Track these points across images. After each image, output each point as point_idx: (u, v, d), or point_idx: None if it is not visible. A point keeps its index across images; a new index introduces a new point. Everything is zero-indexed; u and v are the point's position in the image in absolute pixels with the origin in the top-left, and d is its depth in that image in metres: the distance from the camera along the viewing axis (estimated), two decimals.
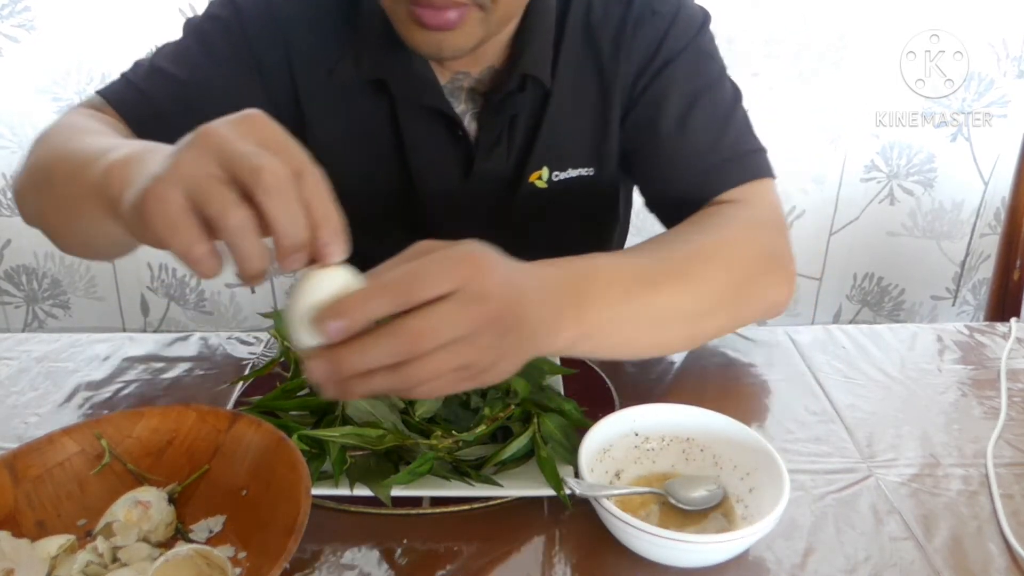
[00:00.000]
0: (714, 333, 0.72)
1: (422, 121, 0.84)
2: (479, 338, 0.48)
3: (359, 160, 0.87)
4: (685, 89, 0.82)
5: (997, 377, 0.80)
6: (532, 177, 0.87)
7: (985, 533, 0.59)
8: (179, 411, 0.62)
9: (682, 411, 0.65)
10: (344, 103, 0.85)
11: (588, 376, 0.78)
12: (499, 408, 0.65)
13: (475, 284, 0.47)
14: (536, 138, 0.85)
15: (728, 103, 0.84)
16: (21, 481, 0.57)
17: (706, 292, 0.67)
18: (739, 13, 1.55)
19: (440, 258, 0.47)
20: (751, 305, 0.71)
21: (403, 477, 0.60)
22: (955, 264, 1.79)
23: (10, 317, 1.81)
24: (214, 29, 0.81)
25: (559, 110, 0.84)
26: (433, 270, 0.47)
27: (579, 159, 0.87)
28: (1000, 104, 1.62)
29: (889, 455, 0.68)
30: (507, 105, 0.83)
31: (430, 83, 0.82)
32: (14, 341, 0.89)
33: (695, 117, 0.81)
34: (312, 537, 0.58)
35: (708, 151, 0.80)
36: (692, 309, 0.66)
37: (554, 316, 0.55)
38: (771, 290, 0.73)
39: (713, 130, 0.81)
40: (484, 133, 0.84)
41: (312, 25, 0.83)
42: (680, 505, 0.59)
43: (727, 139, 0.81)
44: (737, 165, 0.80)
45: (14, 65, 1.54)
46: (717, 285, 0.67)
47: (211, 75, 0.80)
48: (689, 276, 0.66)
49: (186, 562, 0.51)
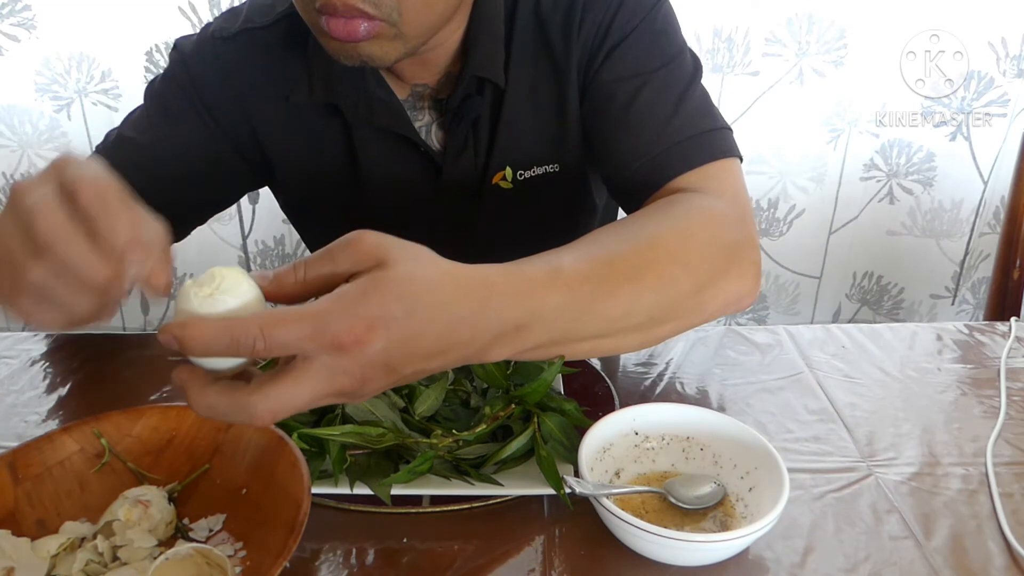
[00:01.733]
0: (671, 335, 0.65)
1: (379, 142, 0.85)
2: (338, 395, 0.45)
3: (320, 183, 0.89)
4: (635, 70, 0.79)
5: (997, 376, 0.80)
6: (495, 179, 0.86)
7: (985, 532, 0.59)
8: (179, 410, 0.62)
9: (682, 410, 0.65)
10: (302, 128, 0.87)
11: (588, 375, 0.78)
12: (499, 407, 0.65)
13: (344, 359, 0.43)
14: (495, 139, 0.84)
15: (684, 82, 0.79)
16: (21, 480, 0.57)
17: (663, 296, 0.60)
18: (739, 13, 1.55)
19: (314, 317, 0.43)
20: (712, 304, 0.65)
21: (403, 476, 0.60)
22: (954, 263, 1.79)
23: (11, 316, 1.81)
24: (168, 89, 0.86)
25: (516, 109, 0.83)
26: (297, 334, 0.42)
27: (542, 157, 0.86)
28: (1000, 103, 1.62)
29: (889, 454, 0.68)
30: (466, 109, 0.82)
31: (385, 103, 0.82)
32: (14, 340, 0.90)
33: (646, 99, 0.77)
34: (312, 536, 0.58)
35: (661, 133, 0.75)
36: (647, 316, 0.60)
37: (485, 343, 0.50)
38: (734, 285, 0.66)
39: (666, 111, 0.76)
40: (450, 140, 0.84)
41: (262, 59, 0.85)
42: (680, 504, 0.59)
43: (681, 119, 0.76)
44: (694, 146, 0.75)
45: (14, 64, 1.54)
46: (674, 288, 0.61)
47: (169, 134, 0.85)
48: (643, 280, 0.59)
49: (186, 561, 0.51)
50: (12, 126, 1.59)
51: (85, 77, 1.55)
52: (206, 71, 0.85)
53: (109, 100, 1.56)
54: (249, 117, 0.86)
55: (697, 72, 0.81)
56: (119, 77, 1.55)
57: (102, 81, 1.56)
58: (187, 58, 0.85)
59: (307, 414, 0.68)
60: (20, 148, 1.61)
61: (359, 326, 0.43)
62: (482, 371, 0.68)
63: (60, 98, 1.57)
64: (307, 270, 0.46)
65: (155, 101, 0.86)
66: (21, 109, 1.58)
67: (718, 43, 1.57)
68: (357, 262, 0.46)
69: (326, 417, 0.66)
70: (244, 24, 0.85)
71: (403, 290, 0.45)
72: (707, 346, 0.86)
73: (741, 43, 1.57)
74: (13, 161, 1.62)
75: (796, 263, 1.79)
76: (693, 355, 0.84)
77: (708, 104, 0.79)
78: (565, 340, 0.55)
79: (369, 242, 0.46)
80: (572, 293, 0.54)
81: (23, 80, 1.55)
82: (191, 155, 0.85)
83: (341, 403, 0.46)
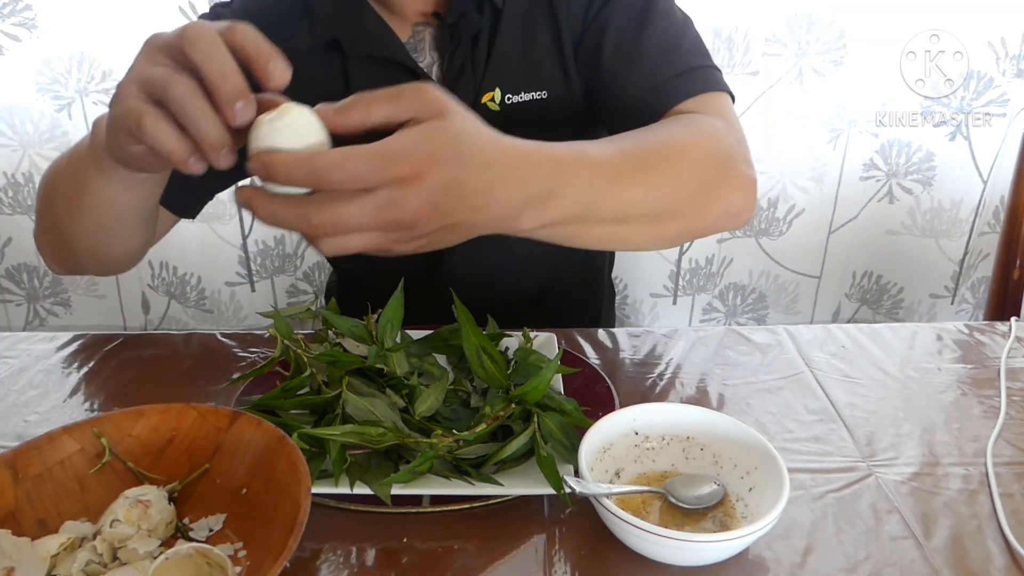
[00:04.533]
0: (673, 236, 0.70)
1: (377, 75, 0.86)
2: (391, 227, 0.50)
3: None
4: (633, 15, 0.84)
5: (997, 376, 0.80)
6: (485, 98, 0.88)
7: (985, 532, 0.59)
8: (179, 410, 0.62)
9: (682, 410, 0.65)
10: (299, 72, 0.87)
11: (588, 375, 0.78)
12: (499, 407, 0.65)
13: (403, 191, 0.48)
14: (489, 58, 0.87)
15: (679, 24, 0.85)
16: (21, 480, 0.57)
17: (673, 189, 0.65)
18: (739, 12, 1.55)
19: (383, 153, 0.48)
20: (713, 211, 0.69)
21: (403, 476, 0.60)
22: (954, 263, 1.79)
23: (11, 315, 1.81)
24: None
25: (510, 32, 0.87)
26: (368, 166, 0.47)
27: (530, 82, 0.89)
28: (999, 103, 1.62)
29: (889, 454, 0.68)
30: (464, 26, 0.85)
31: (383, 35, 0.85)
32: (14, 339, 0.90)
33: (645, 37, 0.82)
34: (312, 536, 0.58)
35: (659, 68, 0.81)
36: (659, 206, 0.64)
37: (518, 206, 0.55)
38: (732, 195, 0.71)
39: (664, 48, 0.82)
40: (448, 66, 0.87)
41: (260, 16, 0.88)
42: (680, 504, 0.59)
43: (678, 55, 0.82)
44: (692, 77, 0.80)
45: (15, 63, 1.54)
46: (684, 184, 0.66)
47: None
48: (656, 172, 0.64)
49: (186, 561, 0.51)
50: (13, 125, 1.59)
51: (86, 77, 1.55)
52: None
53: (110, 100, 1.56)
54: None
55: (688, 21, 0.87)
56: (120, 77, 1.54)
57: (103, 81, 1.56)
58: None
59: (307, 414, 0.68)
60: (21, 148, 1.61)
61: (420, 161, 0.48)
62: (482, 371, 0.68)
63: (61, 98, 1.56)
64: (372, 103, 0.50)
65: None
66: (22, 108, 1.57)
67: (718, 43, 1.56)
68: (420, 108, 0.50)
69: (326, 417, 0.66)
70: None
71: (458, 139, 0.50)
72: (707, 346, 0.86)
73: (741, 43, 1.57)
74: (14, 161, 1.62)
75: (796, 263, 1.79)
76: (693, 355, 0.84)
77: (701, 46, 0.86)
78: (586, 218, 0.59)
79: (433, 94, 0.51)
80: (597, 170, 0.59)
81: (24, 79, 1.55)
82: None
83: (387, 245, 0.51)
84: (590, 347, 0.86)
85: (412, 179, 0.48)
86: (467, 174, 0.50)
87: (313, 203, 0.48)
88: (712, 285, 1.81)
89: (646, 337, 0.88)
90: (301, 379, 0.70)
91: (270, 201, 0.49)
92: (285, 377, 0.73)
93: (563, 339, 0.85)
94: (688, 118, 0.75)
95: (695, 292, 1.82)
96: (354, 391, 0.66)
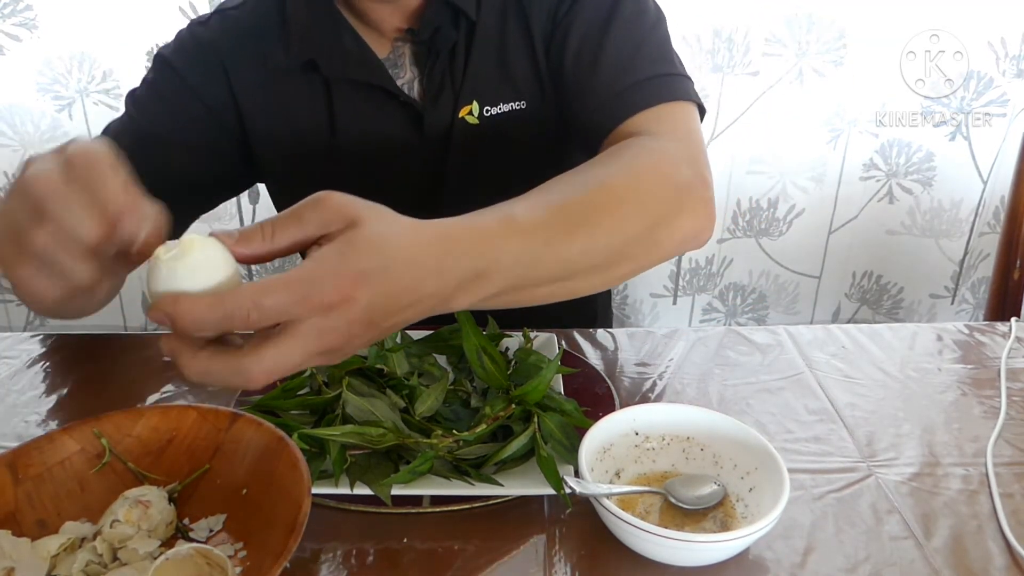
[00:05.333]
0: (627, 275, 0.67)
1: (358, 98, 0.86)
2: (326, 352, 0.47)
3: (298, 149, 0.90)
4: (597, 18, 0.82)
5: (997, 376, 0.80)
6: (463, 112, 0.87)
7: (985, 532, 0.59)
8: (179, 410, 0.62)
9: (682, 410, 0.65)
10: (278, 90, 0.88)
11: (588, 376, 0.78)
12: (499, 407, 0.65)
13: (332, 317, 0.45)
14: (466, 71, 0.86)
15: (644, 29, 0.82)
16: (21, 480, 0.57)
17: (616, 236, 0.62)
18: (739, 12, 1.55)
19: (301, 282, 0.45)
20: (668, 242, 0.66)
21: (403, 476, 0.60)
22: (954, 263, 1.79)
23: (11, 315, 1.81)
24: (148, 92, 0.89)
25: (485, 44, 0.86)
26: (288, 300, 0.44)
27: (508, 94, 0.87)
28: (999, 103, 1.62)
29: (889, 454, 0.68)
30: (439, 41, 0.84)
31: (361, 56, 0.85)
32: (15, 340, 0.90)
33: (607, 42, 0.80)
34: (312, 536, 0.58)
35: (617, 77, 0.78)
36: (604, 256, 0.61)
37: (449, 292, 0.52)
38: (687, 223, 0.67)
39: (623, 57, 0.80)
40: (429, 84, 0.86)
41: (237, 34, 0.88)
42: (680, 504, 0.59)
43: (636, 64, 0.79)
44: (648, 87, 0.77)
45: (16, 64, 1.54)
46: (630, 228, 0.62)
47: (153, 131, 0.86)
48: (595, 224, 0.60)
49: (186, 561, 0.51)
50: (13, 125, 1.59)
51: (86, 77, 1.55)
52: (188, 57, 0.88)
53: (110, 100, 1.56)
54: (230, 84, 0.88)
55: (660, 19, 0.84)
56: (120, 77, 1.55)
57: (103, 81, 1.56)
58: (168, 55, 0.89)
59: (307, 414, 0.68)
60: (22, 148, 1.61)
61: (345, 285, 0.45)
62: (482, 371, 0.69)
63: (61, 98, 1.57)
64: (275, 230, 0.48)
65: (133, 104, 0.88)
66: (22, 109, 1.58)
67: (718, 43, 1.57)
68: (326, 222, 0.47)
69: (326, 417, 0.66)
70: (216, 9, 0.91)
71: (377, 247, 0.47)
72: (707, 346, 0.86)
73: (741, 43, 1.57)
74: (14, 161, 1.62)
75: (796, 263, 1.79)
76: (693, 355, 0.84)
77: (667, 50, 0.82)
78: (523, 285, 0.57)
79: (336, 201, 0.48)
80: (527, 239, 0.55)
81: (24, 80, 1.55)
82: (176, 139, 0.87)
83: (324, 363, 0.49)
84: (590, 347, 0.86)
85: (339, 304, 0.45)
86: (394, 280, 0.47)
87: (247, 355, 0.45)
88: (712, 285, 1.81)
89: (646, 337, 0.88)
90: (301, 379, 0.70)
91: (196, 357, 0.45)
92: (285, 377, 0.73)
93: (563, 339, 0.85)
94: (630, 147, 0.71)
95: (695, 292, 1.82)
96: (354, 391, 0.66)
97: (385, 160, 0.89)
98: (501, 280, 0.54)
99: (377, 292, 0.46)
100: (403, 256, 0.48)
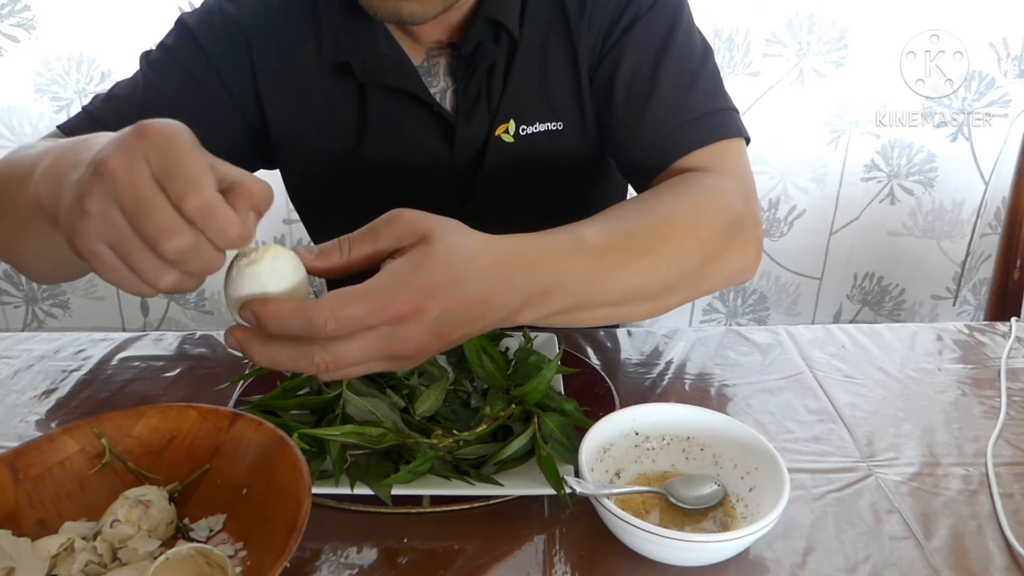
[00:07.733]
0: (675, 305, 0.70)
1: (392, 105, 0.85)
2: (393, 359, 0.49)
3: (321, 144, 0.88)
4: (650, 50, 0.81)
5: (997, 377, 0.80)
6: (499, 130, 0.86)
7: (985, 532, 0.59)
8: (179, 410, 0.62)
9: (682, 410, 0.65)
10: (305, 87, 0.86)
11: (588, 376, 0.78)
12: (499, 407, 0.65)
13: (404, 327, 0.48)
14: (505, 89, 0.85)
15: (695, 62, 0.82)
16: (21, 480, 0.57)
17: (674, 268, 0.65)
18: (739, 12, 1.55)
19: (377, 294, 0.47)
20: (717, 276, 0.70)
21: (403, 476, 0.60)
22: (955, 264, 1.79)
23: (9, 317, 1.81)
24: (165, 55, 0.86)
25: (527, 63, 0.84)
26: (364, 311, 0.46)
27: (546, 114, 0.87)
28: (1000, 104, 1.63)
29: (889, 454, 0.68)
30: (479, 56, 0.83)
31: (396, 62, 0.83)
32: (14, 340, 0.90)
33: (660, 75, 0.80)
34: (312, 536, 0.58)
35: (673, 112, 0.79)
36: (660, 286, 0.65)
37: (517, 307, 0.55)
38: (736, 259, 0.71)
39: (678, 91, 0.80)
40: (463, 97, 0.84)
41: (271, 17, 0.85)
42: (680, 504, 0.59)
43: (692, 99, 0.79)
44: (704, 125, 0.78)
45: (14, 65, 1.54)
46: (686, 261, 0.66)
47: (166, 95, 0.84)
48: (659, 252, 0.64)
49: (186, 561, 0.51)
50: (11, 126, 1.59)
51: (85, 78, 1.55)
52: (212, 29, 0.85)
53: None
54: (255, 81, 0.86)
55: (708, 53, 0.84)
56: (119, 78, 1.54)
57: (102, 82, 1.56)
58: (192, 25, 0.85)
59: (308, 414, 0.68)
60: None
61: (418, 297, 0.47)
62: (482, 371, 0.68)
63: (60, 99, 1.57)
64: (352, 247, 0.50)
65: (150, 66, 0.85)
66: (21, 109, 1.58)
67: (718, 43, 1.57)
68: (400, 237, 0.50)
69: (326, 417, 0.66)
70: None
71: (449, 261, 0.49)
72: (707, 346, 0.86)
73: (741, 43, 1.57)
74: None
75: (797, 264, 1.79)
76: (693, 355, 0.84)
77: (719, 84, 0.83)
78: (585, 306, 0.59)
79: (409, 218, 0.50)
80: (595, 261, 0.59)
81: (23, 81, 1.55)
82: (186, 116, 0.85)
83: (389, 369, 0.51)
84: (590, 347, 0.86)
85: (412, 315, 0.47)
86: (465, 294, 0.50)
87: (315, 342, 0.47)
88: None
89: (646, 337, 0.88)
90: (301, 379, 0.70)
91: (266, 344, 0.48)
92: (285, 377, 0.73)
93: (563, 339, 0.85)
94: (692, 182, 0.73)
95: None
96: (354, 391, 0.66)
97: (411, 170, 0.88)
98: (566, 298, 0.57)
99: (448, 305, 0.49)
100: (474, 270, 0.50)
